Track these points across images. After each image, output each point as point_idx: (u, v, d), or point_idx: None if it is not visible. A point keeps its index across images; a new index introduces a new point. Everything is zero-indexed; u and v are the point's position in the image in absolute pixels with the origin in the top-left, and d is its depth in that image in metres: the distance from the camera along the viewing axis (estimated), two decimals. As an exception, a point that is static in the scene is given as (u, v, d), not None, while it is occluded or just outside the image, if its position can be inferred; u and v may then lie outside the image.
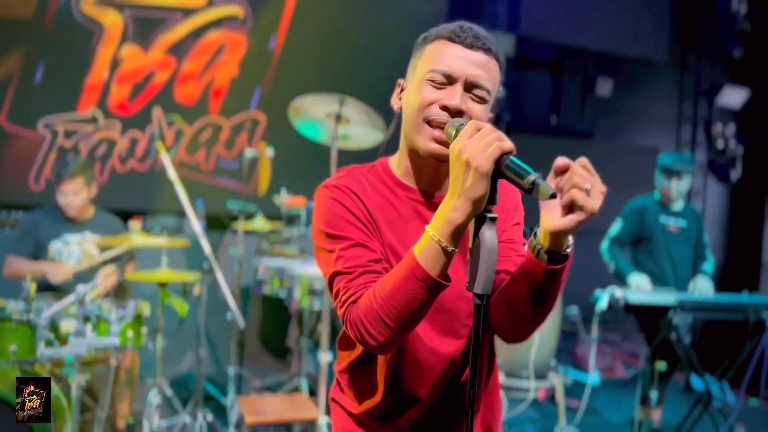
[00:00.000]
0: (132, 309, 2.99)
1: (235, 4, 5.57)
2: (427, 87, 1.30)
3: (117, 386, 3.36)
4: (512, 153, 1.13)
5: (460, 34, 1.30)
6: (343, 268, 1.26)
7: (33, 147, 5.04)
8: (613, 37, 6.61)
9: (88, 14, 5.14)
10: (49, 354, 2.72)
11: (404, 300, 1.16)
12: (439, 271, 1.16)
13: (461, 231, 1.15)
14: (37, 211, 3.65)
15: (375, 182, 1.37)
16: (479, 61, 1.29)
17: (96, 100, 5.22)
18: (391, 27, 6.07)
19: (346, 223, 1.29)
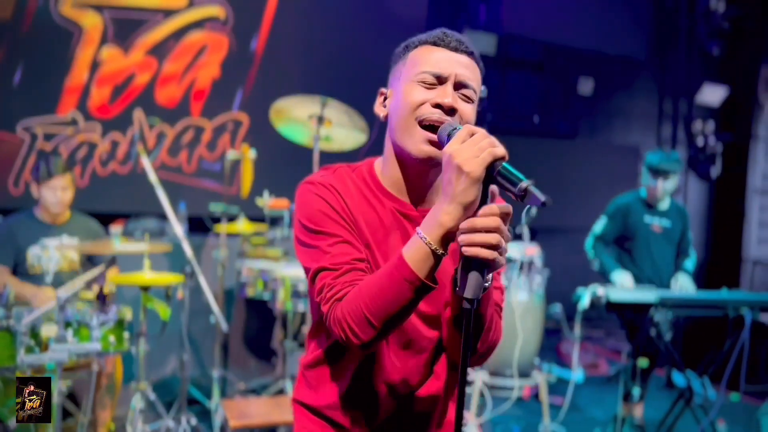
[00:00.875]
0: (114, 314, 2.97)
1: (216, 4, 5.54)
2: (417, 88, 1.32)
3: (98, 392, 3.33)
4: (505, 159, 1.15)
5: (444, 38, 1.34)
6: (330, 264, 1.26)
7: (12, 150, 4.98)
8: (594, 35, 6.66)
9: (66, 15, 5.09)
10: (29, 361, 2.69)
11: (391, 300, 1.17)
12: (426, 273, 1.17)
13: (451, 235, 1.16)
14: (14, 216, 3.60)
15: (359, 184, 1.37)
16: (465, 63, 1.34)
17: (76, 103, 5.17)
18: (372, 27, 6.07)
19: (330, 219, 1.30)
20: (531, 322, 3.60)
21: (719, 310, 3.52)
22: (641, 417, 3.89)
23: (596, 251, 4.02)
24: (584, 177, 7.00)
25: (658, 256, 3.95)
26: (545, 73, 6.92)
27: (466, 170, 1.11)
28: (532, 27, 6.45)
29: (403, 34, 5.98)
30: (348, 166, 1.42)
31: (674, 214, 4.03)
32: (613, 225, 4.00)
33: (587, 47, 6.71)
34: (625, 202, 4.04)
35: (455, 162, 1.12)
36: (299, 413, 1.45)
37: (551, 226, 6.66)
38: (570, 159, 7.04)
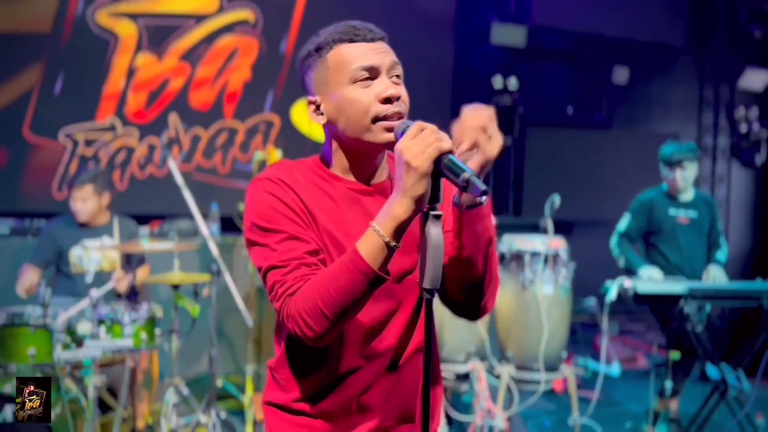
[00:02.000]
0: (145, 311, 3.08)
1: (246, 8, 5.65)
2: (356, 89, 1.32)
3: (135, 387, 3.47)
4: (452, 152, 1.19)
5: (357, 32, 1.35)
6: (278, 261, 1.28)
7: (55, 156, 5.20)
8: (628, 23, 6.53)
9: (103, 25, 5.27)
10: (65, 357, 2.83)
11: (345, 292, 1.20)
12: (380, 265, 1.21)
13: (404, 228, 1.21)
14: (57, 219, 3.77)
15: (309, 174, 1.38)
16: (385, 49, 1.37)
17: (114, 109, 5.36)
18: (401, 25, 6.08)
19: (280, 215, 1.30)
20: (557, 315, 3.58)
21: (753, 301, 3.44)
22: (676, 411, 3.83)
23: (621, 249, 3.96)
24: (621, 168, 6.87)
25: (687, 248, 3.87)
26: (578, 64, 6.82)
27: (414, 165, 1.16)
28: (562, 17, 6.37)
29: (432, 30, 6.11)
30: (293, 162, 1.42)
31: (700, 205, 3.94)
32: (637, 221, 3.94)
33: (621, 35, 6.59)
34: (649, 198, 3.98)
35: (404, 158, 1.17)
36: (271, 415, 1.45)
37: (588, 218, 6.58)
38: (606, 150, 6.92)
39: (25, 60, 5.11)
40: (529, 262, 3.56)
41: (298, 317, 1.23)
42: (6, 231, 4.17)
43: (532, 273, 3.56)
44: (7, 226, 4.19)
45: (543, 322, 3.50)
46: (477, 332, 3.58)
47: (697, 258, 3.89)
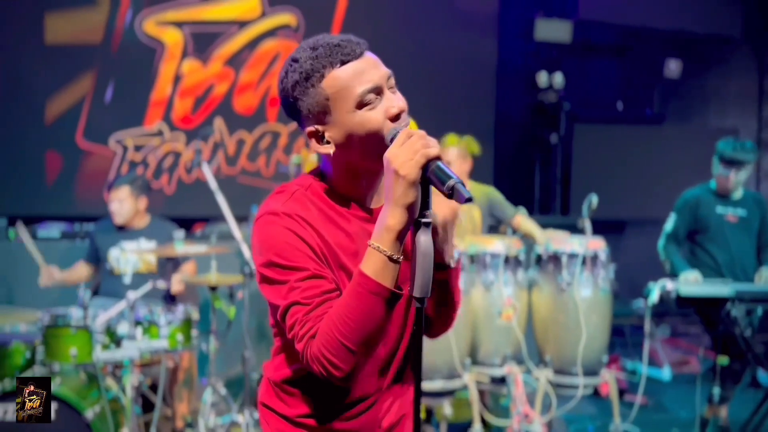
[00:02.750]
0: (181, 313, 3.16)
1: (288, 12, 5.73)
2: (366, 115, 1.24)
3: (175, 386, 3.56)
4: (439, 159, 1.16)
5: (345, 51, 1.26)
6: (301, 299, 1.21)
7: (106, 161, 5.40)
8: (680, 14, 6.30)
9: (150, 34, 5.44)
10: (104, 357, 2.92)
11: (362, 319, 1.16)
12: (390, 281, 1.17)
13: (401, 238, 1.18)
14: (98, 222, 3.91)
15: (320, 204, 1.31)
16: (374, 60, 1.30)
17: (161, 115, 5.52)
18: (443, 25, 6.06)
19: (300, 253, 1.24)
20: (596, 318, 3.47)
21: (806, 304, 3.26)
22: (726, 418, 3.66)
23: (667, 252, 3.82)
24: (675, 164, 6.63)
25: (736, 248, 3.69)
26: (627, 58, 6.63)
27: (402, 174, 1.13)
28: (610, 10, 6.20)
29: (474, 27, 5.99)
30: (301, 186, 1.33)
31: (750, 203, 3.75)
32: (683, 220, 3.79)
33: (673, 27, 6.36)
34: (694, 195, 3.81)
35: (392, 166, 1.14)
36: (268, 417, 1.42)
37: (640, 217, 6.39)
38: (658, 146, 6.69)
39: (77, 70, 5.33)
40: (567, 263, 3.47)
41: (322, 358, 1.18)
42: (56, 234, 4.36)
43: (569, 275, 3.47)
44: (57, 230, 4.38)
45: (581, 326, 3.41)
46: (513, 335, 3.51)
47: (746, 258, 3.72)
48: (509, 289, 3.54)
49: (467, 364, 3.45)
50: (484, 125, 6.24)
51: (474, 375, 3.50)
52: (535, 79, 6.18)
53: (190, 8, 5.50)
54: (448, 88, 6.07)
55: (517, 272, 3.58)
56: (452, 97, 6.08)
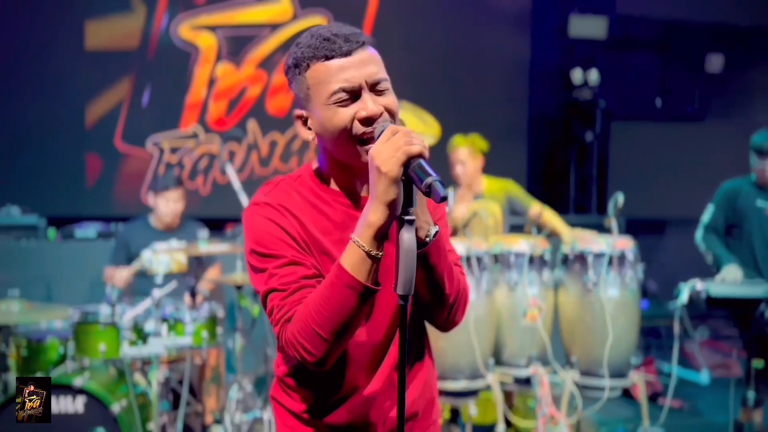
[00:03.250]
0: (206, 311, 3.22)
1: (319, 14, 5.78)
2: (336, 110, 1.26)
3: (203, 382, 3.63)
4: (422, 156, 1.15)
5: (332, 46, 1.26)
6: (278, 285, 1.26)
7: (143, 164, 5.54)
8: (721, 7, 6.12)
9: (185, 38, 5.56)
10: (131, 353, 3.01)
11: (336, 309, 1.18)
12: (366, 276, 1.18)
13: (382, 234, 1.18)
14: (130, 223, 4.00)
15: (305, 192, 1.34)
16: (365, 60, 1.27)
17: (196, 117, 5.64)
18: (475, 23, 6.02)
19: (279, 241, 1.28)
20: (624, 319, 3.39)
21: None
22: (761, 423, 3.54)
23: (707, 243, 3.72)
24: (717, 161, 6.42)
25: (776, 244, 3.57)
26: (665, 53, 6.45)
27: (383, 171, 1.14)
28: (647, 4, 6.07)
29: (507, 24, 5.92)
30: (290, 177, 1.38)
31: (792, 197, 3.62)
32: (721, 211, 3.68)
33: (714, 21, 6.18)
34: (733, 187, 3.70)
35: (375, 163, 1.15)
36: (278, 411, 1.46)
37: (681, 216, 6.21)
38: (700, 143, 6.51)
39: (116, 75, 5.49)
40: (593, 263, 3.41)
41: (296, 343, 1.22)
42: (93, 235, 4.50)
43: (595, 275, 3.40)
44: (94, 230, 4.52)
45: (607, 327, 3.34)
46: (538, 335, 3.47)
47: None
48: (534, 289, 3.49)
49: (490, 365, 3.42)
50: (517, 124, 6.18)
51: (498, 376, 3.46)
52: (570, 76, 6.08)
53: (223, 12, 5.60)
54: (481, 86, 6.03)
55: (543, 272, 3.53)
56: (485, 95, 6.04)
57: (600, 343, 3.37)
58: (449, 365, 3.36)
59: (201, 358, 3.52)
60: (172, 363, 3.34)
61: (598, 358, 3.38)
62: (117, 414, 2.88)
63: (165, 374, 3.10)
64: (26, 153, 5.30)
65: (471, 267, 3.33)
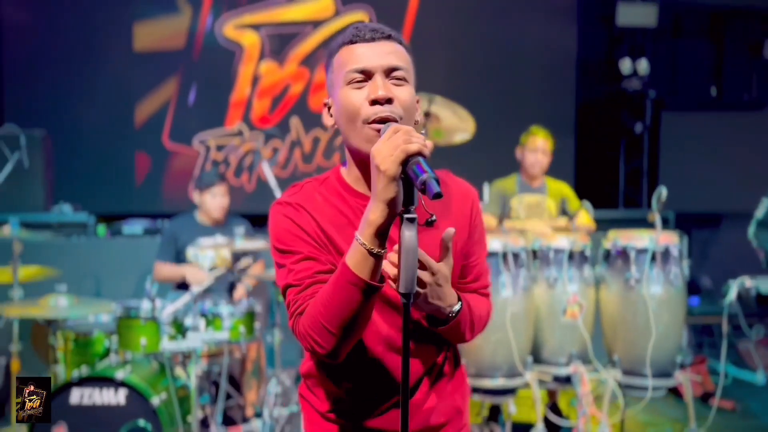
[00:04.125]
0: (244, 306, 3.27)
1: (361, 10, 5.78)
2: (350, 91, 1.31)
3: (244, 376, 3.69)
4: (421, 154, 1.14)
5: (358, 33, 1.33)
6: (293, 280, 1.30)
7: (190, 161, 5.67)
8: (781, -10, 5.83)
9: (229, 37, 5.65)
10: (170, 347, 3.08)
11: (341, 306, 1.21)
12: (369, 273, 1.19)
13: (382, 232, 1.18)
14: (177, 219, 4.08)
15: (327, 194, 1.39)
16: (386, 49, 1.33)
17: (241, 115, 5.73)
18: (520, 11, 5.91)
19: (296, 238, 1.32)
20: (668, 317, 3.28)
21: None
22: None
23: (760, 239, 3.57)
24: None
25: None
26: (719, 39, 6.19)
27: (382, 169, 1.14)
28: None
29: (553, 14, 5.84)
30: (316, 179, 1.43)
31: None
32: None
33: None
34: None
35: (375, 161, 1.16)
36: (305, 408, 1.50)
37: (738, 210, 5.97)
38: (757, 132, 6.24)
39: (163, 75, 5.63)
40: (635, 259, 3.31)
41: (307, 336, 1.26)
42: (140, 231, 4.63)
43: (638, 271, 3.30)
44: (141, 227, 4.65)
45: (651, 324, 3.24)
46: (579, 333, 3.39)
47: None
48: (574, 285, 3.41)
49: (529, 363, 3.36)
50: (564, 116, 6.05)
51: (536, 374, 3.40)
52: (618, 66, 5.91)
53: (266, 11, 5.67)
54: (526, 77, 5.93)
55: (584, 268, 3.45)
56: (531, 87, 5.94)
57: (643, 342, 3.27)
58: (486, 363, 3.32)
59: (240, 352, 3.58)
60: (212, 357, 3.41)
61: (640, 357, 3.28)
62: (157, 407, 2.95)
63: (204, 368, 3.16)
64: (79, 152, 5.49)
65: (507, 263, 3.28)
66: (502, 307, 3.25)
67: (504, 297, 3.26)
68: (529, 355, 3.37)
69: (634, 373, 3.34)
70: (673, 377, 3.35)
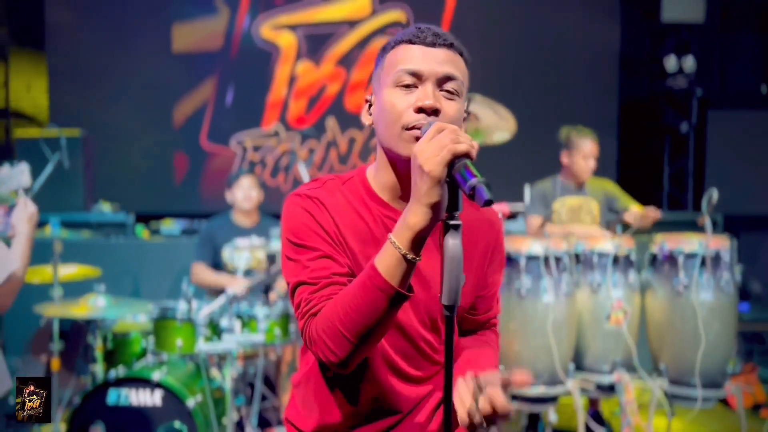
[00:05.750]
0: (279, 308, 3.24)
1: (397, 9, 5.72)
2: (397, 93, 1.23)
3: (279, 378, 3.66)
4: (469, 156, 1.06)
5: (420, 34, 1.25)
6: (308, 278, 1.23)
7: (228, 161, 5.69)
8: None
9: (266, 38, 5.65)
10: (206, 348, 3.06)
11: (364, 311, 1.12)
12: (399, 281, 1.11)
13: (421, 238, 1.10)
14: (213, 219, 4.08)
15: (349, 196, 1.31)
16: (444, 57, 1.24)
17: (277, 116, 5.73)
18: (561, 8, 5.78)
19: (314, 234, 1.25)
20: (718, 325, 3.14)
21: None
22: None
23: None
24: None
25: None
26: (772, 35, 5.96)
27: (426, 170, 1.06)
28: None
29: (596, 12, 5.68)
30: (339, 178, 1.35)
31: None
32: None
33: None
34: None
35: (418, 162, 1.07)
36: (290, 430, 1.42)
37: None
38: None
39: (201, 76, 5.66)
40: (684, 264, 3.17)
41: (320, 341, 1.17)
42: (177, 232, 4.64)
43: (687, 277, 3.16)
44: (178, 227, 4.67)
45: (700, 332, 3.10)
46: (623, 340, 3.27)
47: None
48: (619, 291, 3.29)
49: (571, 370, 3.25)
50: (606, 115, 5.90)
51: (578, 381, 3.29)
52: (663, 63, 5.73)
53: (302, 11, 5.65)
54: (568, 75, 5.79)
55: (629, 273, 3.33)
56: (572, 85, 5.80)
57: (691, 350, 3.13)
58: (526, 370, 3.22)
59: (276, 354, 3.55)
60: (247, 359, 3.39)
61: (689, 366, 3.15)
62: (192, 408, 2.94)
63: (239, 370, 3.14)
64: (119, 152, 5.56)
65: (549, 268, 3.18)
66: (543, 313, 3.15)
67: (545, 302, 3.16)
68: (571, 362, 3.27)
69: (681, 382, 3.21)
70: (723, 388, 3.21)
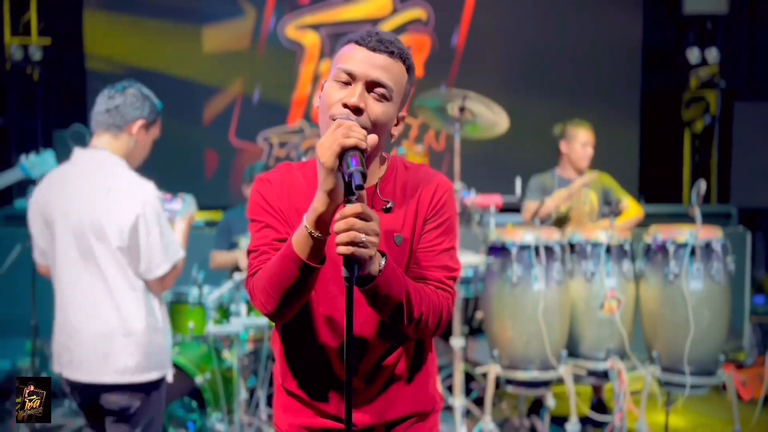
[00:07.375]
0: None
1: (418, 7, 5.85)
2: (334, 86, 1.37)
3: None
4: (358, 148, 1.23)
5: (366, 38, 1.38)
6: (253, 246, 1.44)
7: (255, 158, 5.93)
8: None
9: (291, 38, 5.88)
10: (215, 331, 3.29)
11: (282, 277, 1.33)
12: (308, 254, 1.29)
13: (324, 219, 1.27)
14: (231, 211, 4.31)
15: (305, 177, 1.47)
16: (381, 63, 1.36)
17: (302, 113, 5.95)
18: (579, 5, 5.81)
19: (261, 209, 1.45)
20: (709, 314, 3.18)
21: None
22: None
23: None
24: None
25: None
26: (799, 25, 5.84)
27: (321, 161, 1.24)
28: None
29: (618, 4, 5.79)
30: (300, 163, 1.52)
31: None
32: None
33: None
34: None
35: (317, 153, 1.26)
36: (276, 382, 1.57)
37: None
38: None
39: (229, 75, 5.92)
40: (675, 254, 3.23)
41: (255, 297, 1.40)
42: (201, 223, 4.91)
43: (677, 266, 3.22)
44: (203, 220, 4.93)
45: (690, 322, 3.16)
46: (617, 328, 3.35)
47: None
48: (612, 280, 3.38)
49: (563, 356, 3.35)
50: (629, 108, 5.90)
51: (570, 368, 3.39)
52: (686, 55, 5.70)
53: (325, 11, 5.85)
54: (590, 68, 5.81)
55: (623, 263, 3.41)
56: (595, 78, 5.82)
57: (682, 338, 3.19)
58: (518, 355, 3.34)
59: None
60: (257, 341, 3.59)
61: (680, 354, 3.20)
62: (200, 385, 3.17)
63: (251, 351, 3.35)
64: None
65: (540, 257, 3.29)
66: (534, 300, 3.26)
67: (536, 290, 3.27)
68: (563, 349, 3.36)
69: (673, 370, 3.26)
70: (716, 375, 3.25)
